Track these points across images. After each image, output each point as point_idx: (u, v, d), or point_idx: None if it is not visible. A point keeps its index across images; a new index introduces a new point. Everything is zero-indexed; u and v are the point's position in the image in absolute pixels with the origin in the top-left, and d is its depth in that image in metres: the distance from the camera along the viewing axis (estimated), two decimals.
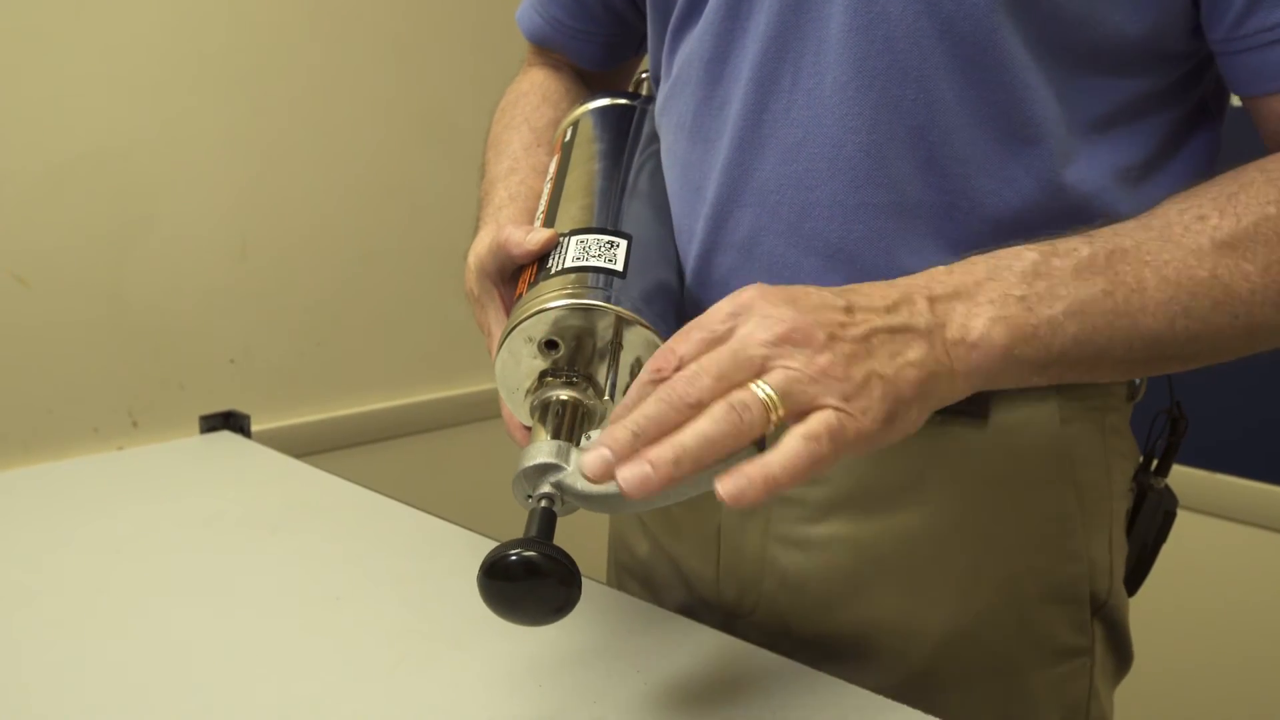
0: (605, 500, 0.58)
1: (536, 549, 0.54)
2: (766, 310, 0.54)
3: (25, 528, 0.97)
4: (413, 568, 0.89)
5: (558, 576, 0.54)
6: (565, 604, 0.55)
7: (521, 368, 0.66)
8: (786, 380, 0.52)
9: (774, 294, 0.55)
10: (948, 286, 0.58)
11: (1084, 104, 0.66)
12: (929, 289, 0.58)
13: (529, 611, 0.55)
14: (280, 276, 1.68)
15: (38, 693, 0.69)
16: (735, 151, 0.71)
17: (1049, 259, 0.59)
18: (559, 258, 0.68)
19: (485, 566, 0.54)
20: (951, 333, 0.57)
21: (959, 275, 0.59)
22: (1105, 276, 0.59)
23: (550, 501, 0.58)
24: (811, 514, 0.76)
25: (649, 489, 0.50)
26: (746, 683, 0.70)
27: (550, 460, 0.59)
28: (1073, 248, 0.60)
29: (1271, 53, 0.62)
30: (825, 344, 0.53)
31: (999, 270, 0.59)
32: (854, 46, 0.65)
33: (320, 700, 0.68)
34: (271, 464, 1.17)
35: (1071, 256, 0.59)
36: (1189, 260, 0.59)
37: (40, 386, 1.46)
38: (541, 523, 0.57)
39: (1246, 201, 0.60)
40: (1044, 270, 0.58)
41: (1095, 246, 0.60)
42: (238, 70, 1.59)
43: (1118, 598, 0.77)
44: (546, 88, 0.91)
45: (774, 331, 0.53)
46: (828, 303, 0.55)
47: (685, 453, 0.51)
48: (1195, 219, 0.61)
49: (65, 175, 1.45)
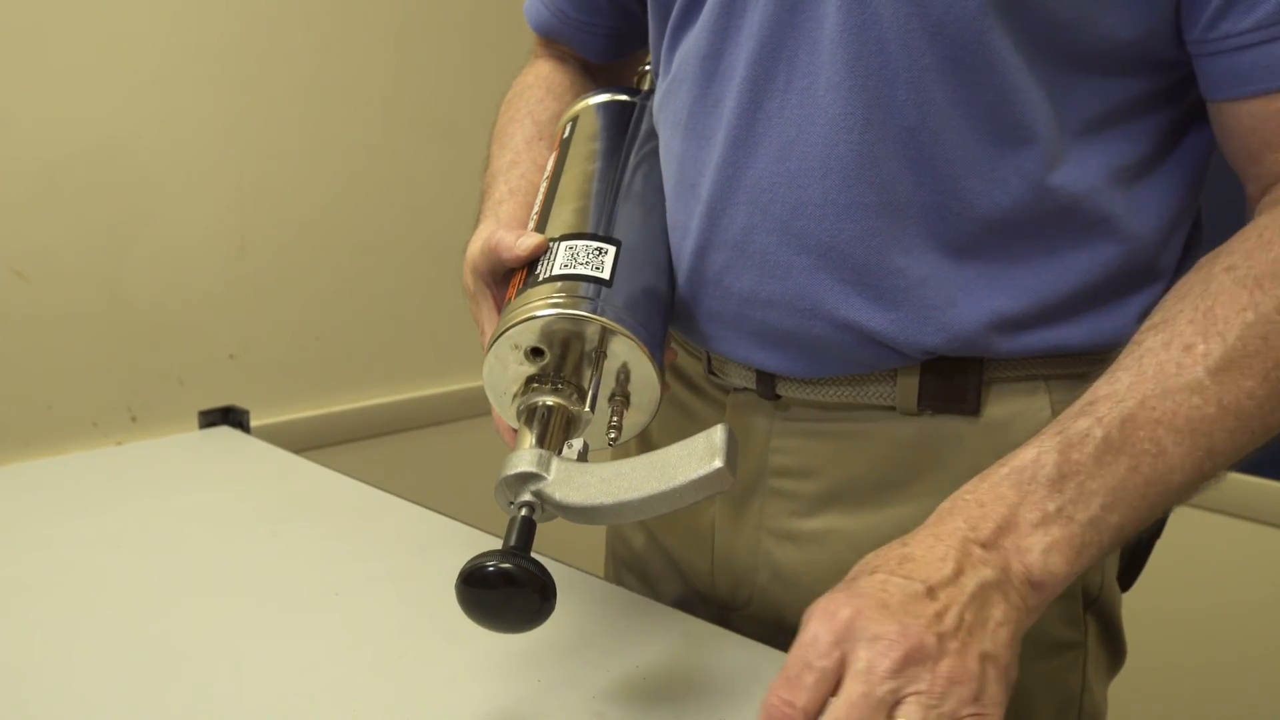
0: (583, 512, 0.59)
1: (513, 560, 0.55)
2: (873, 631, 0.51)
3: (24, 522, 0.97)
4: (411, 562, 0.89)
5: (533, 587, 0.55)
6: (540, 613, 0.56)
7: (508, 373, 0.67)
8: (924, 710, 0.50)
9: (869, 607, 0.52)
10: (990, 524, 0.56)
11: (1075, 106, 0.66)
12: (975, 534, 0.56)
13: (505, 619, 0.57)
14: (279, 272, 1.68)
15: (36, 687, 0.69)
16: (729, 149, 0.71)
17: (1068, 455, 0.58)
18: (548, 264, 0.68)
19: (463, 575, 0.56)
20: (1016, 577, 0.56)
21: (991, 507, 0.57)
22: (1126, 454, 0.58)
23: (530, 510, 0.59)
24: (804, 508, 0.76)
25: None
26: (740, 675, 0.71)
27: (531, 469, 0.59)
28: (1085, 433, 0.58)
29: (1240, 58, 0.62)
30: (938, 650, 0.51)
31: (1025, 487, 0.57)
32: (847, 47, 0.65)
33: (319, 695, 0.68)
34: (270, 459, 1.17)
35: (1088, 444, 0.58)
36: (1193, 400, 0.58)
37: (39, 381, 1.46)
38: (521, 532, 0.58)
39: (1224, 315, 0.60)
40: (1068, 471, 0.57)
41: (1106, 425, 0.58)
42: (237, 66, 1.59)
43: (1110, 593, 0.77)
44: (551, 80, 0.91)
45: (894, 658, 0.50)
46: (912, 593, 0.53)
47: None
48: (1182, 351, 0.59)
49: (64, 170, 1.45)
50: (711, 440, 0.57)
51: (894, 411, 0.73)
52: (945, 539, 0.56)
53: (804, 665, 0.52)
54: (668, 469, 0.58)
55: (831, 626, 0.52)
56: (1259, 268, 0.60)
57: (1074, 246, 0.68)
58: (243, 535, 0.94)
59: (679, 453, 0.58)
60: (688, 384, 0.84)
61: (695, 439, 0.58)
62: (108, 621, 0.78)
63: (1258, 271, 0.60)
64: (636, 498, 0.58)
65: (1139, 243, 0.69)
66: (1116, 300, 0.70)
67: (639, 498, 0.58)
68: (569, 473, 0.60)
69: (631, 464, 0.59)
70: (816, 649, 0.52)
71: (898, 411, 0.73)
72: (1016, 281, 0.69)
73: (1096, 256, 0.68)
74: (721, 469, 0.56)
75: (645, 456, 0.59)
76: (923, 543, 0.56)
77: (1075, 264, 0.68)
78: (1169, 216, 0.70)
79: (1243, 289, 0.60)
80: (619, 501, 0.58)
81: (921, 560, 0.55)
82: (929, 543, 0.56)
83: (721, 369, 0.80)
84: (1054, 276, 0.69)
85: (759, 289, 0.71)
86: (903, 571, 0.54)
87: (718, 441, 0.57)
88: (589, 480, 0.59)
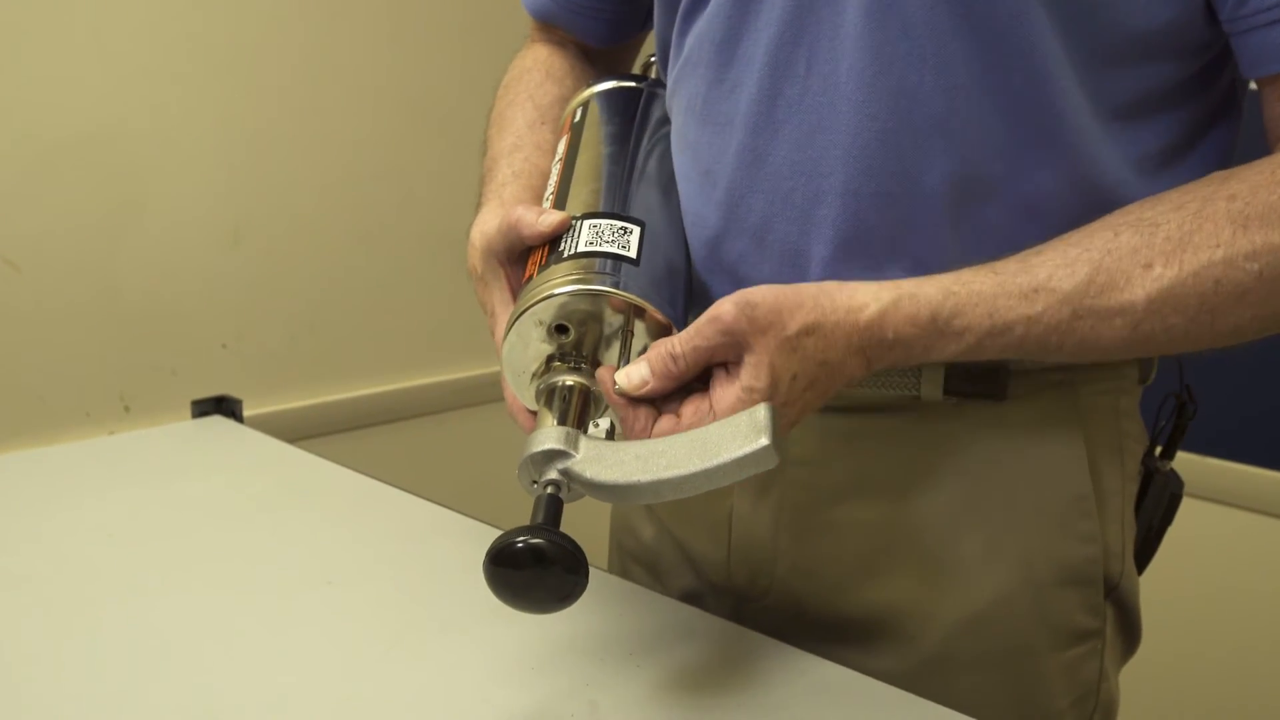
0: (617, 490, 0.57)
1: (544, 536, 0.53)
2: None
3: (17, 512, 0.96)
4: (405, 552, 0.88)
5: (565, 564, 0.54)
6: (572, 592, 0.55)
7: (529, 351, 0.65)
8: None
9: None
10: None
11: (1106, 93, 0.65)
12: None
13: (535, 599, 0.55)
14: (272, 261, 1.67)
15: (29, 677, 0.69)
16: (748, 136, 0.70)
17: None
18: (572, 241, 0.67)
19: (492, 554, 0.54)
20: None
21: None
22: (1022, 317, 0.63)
23: (557, 488, 0.58)
24: (825, 497, 0.75)
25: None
26: (744, 670, 0.70)
27: (558, 447, 0.58)
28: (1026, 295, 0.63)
29: (1271, 33, 0.61)
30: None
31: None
32: (870, 32, 0.64)
33: (313, 685, 0.68)
34: (263, 449, 1.17)
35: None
36: (1115, 322, 0.62)
37: (32, 371, 1.45)
38: (548, 510, 0.56)
39: (1197, 245, 0.61)
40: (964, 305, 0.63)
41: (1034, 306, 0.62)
42: (230, 55, 1.58)
43: (1129, 579, 0.76)
44: (550, 64, 0.90)
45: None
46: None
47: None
48: (1142, 268, 0.61)
49: (57, 160, 1.44)
50: (755, 417, 0.56)
51: (917, 400, 0.72)
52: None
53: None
54: (709, 446, 0.56)
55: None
56: (1255, 207, 0.60)
57: None
58: (236, 525, 0.94)
59: (721, 430, 0.57)
60: None
61: (737, 417, 0.57)
62: (101, 611, 0.77)
63: (1251, 210, 0.60)
64: (676, 475, 0.56)
65: None
66: None
67: (678, 475, 0.56)
68: (599, 450, 0.58)
69: (669, 442, 0.58)
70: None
71: (921, 400, 0.72)
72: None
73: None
74: (768, 446, 0.55)
75: (684, 434, 0.58)
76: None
77: None
78: None
79: (1229, 224, 0.60)
80: (657, 479, 0.56)
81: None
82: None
83: None
84: None
85: (778, 278, 0.70)
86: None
87: (761, 419, 0.56)
88: (623, 458, 0.58)
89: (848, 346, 0.61)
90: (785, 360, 0.59)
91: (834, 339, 0.61)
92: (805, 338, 0.60)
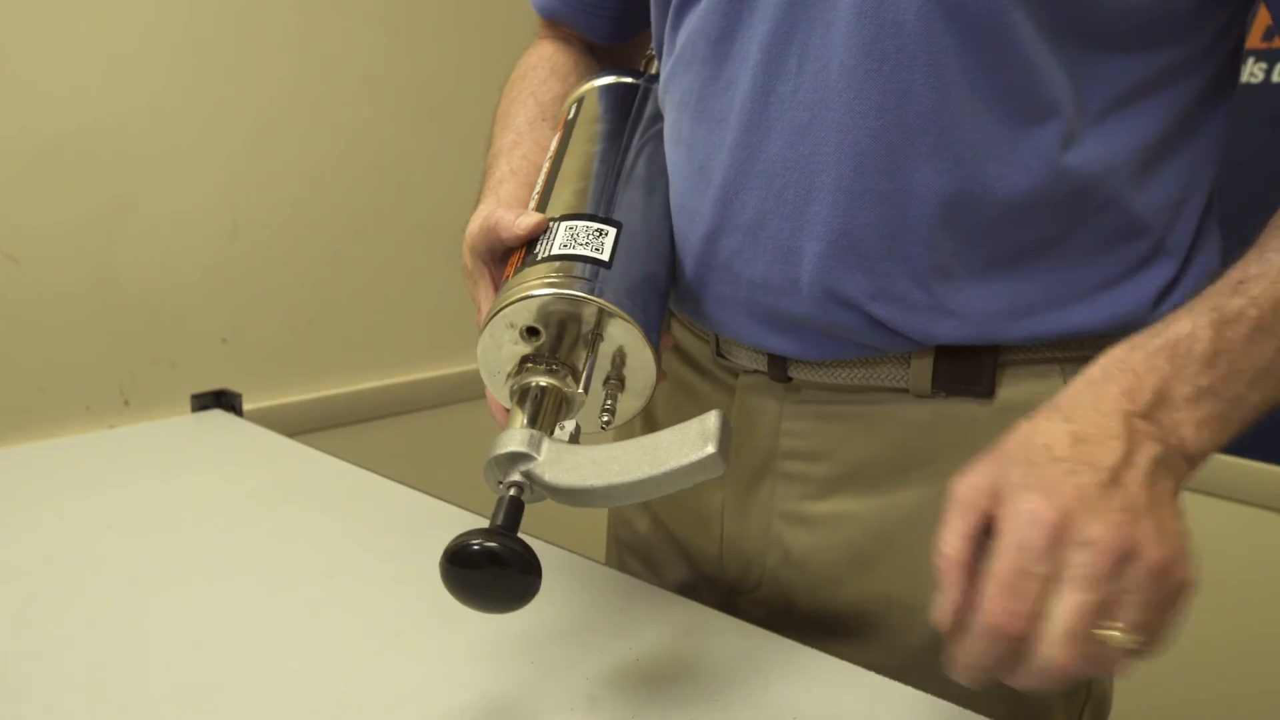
0: (572, 494, 0.59)
1: (498, 539, 0.55)
2: (1084, 535, 0.52)
3: (17, 505, 0.96)
4: (404, 545, 0.89)
5: (518, 566, 0.55)
6: (525, 593, 0.56)
7: (503, 352, 0.66)
8: (1143, 611, 0.52)
9: (1071, 505, 0.53)
10: (1147, 395, 0.57)
11: (1094, 83, 0.65)
12: (1134, 406, 0.57)
13: (490, 599, 0.56)
14: (271, 255, 1.67)
15: (29, 669, 0.69)
16: (742, 133, 0.70)
17: (1222, 332, 0.58)
18: (547, 244, 0.68)
19: (448, 554, 0.55)
20: (1174, 451, 0.57)
21: (1145, 377, 0.58)
22: (1275, 336, 0.59)
23: (519, 490, 0.59)
24: (815, 490, 0.76)
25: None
26: (739, 661, 0.70)
27: (521, 449, 0.59)
28: (1239, 312, 0.59)
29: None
30: (1140, 545, 0.52)
31: (1179, 360, 0.58)
32: (862, 30, 0.64)
33: (313, 676, 0.68)
34: (263, 442, 1.17)
35: (1242, 324, 0.59)
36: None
37: (32, 365, 1.45)
38: (508, 512, 0.57)
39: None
40: (1221, 348, 0.58)
41: (1260, 305, 0.59)
42: (228, 47, 1.58)
43: None
44: (555, 61, 0.90)
45: (1110, 560, 0.52)
46: (1099, 483, 0.54)
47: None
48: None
49: (55, 153, 1.44)
50: (705, 425, 0.57)
51: (907, 394, 0.72)
52: (1108, 413, 0.56)
53: (1022, 574, 0.52)
54: (659, 453, 0.57)
55: (1042, 531, 0.52)
56: None
57: (1088, 229, 0.68)
58: (235, 518, 0.94)
59: (671, 437, 0.58)
60: (694, 367, 0.84)
61: (689, 424, 0.58)
62: (100, 604, 0.78)
63: None
64: (626, 481, 0.57)
65: (1153, 223, 0.68)
66: (1130, 282, 0.70)
67: (628, 481, 0.57)
68: (560, 454, 0.59)
69: (623, 447, 0.59)
70: (1031, 554, 0.52)
71: (911, 394, 0.72)
72: (1031, 266, 0.68)
73: (1111, 238, 0.68)
74: (714, 454, 0.56)
75: (637, 440, 0.59)
76: (1085, 416, 0.56)
77: (1090, 246, 0.68)
78: (1182, 196, 0.70)
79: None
80: (609, 484, 0.58)
81: (1094, 441, 0.55)
82: (1092, 417, 0.56)
83: (730, 351, 0.79)
84: (1069, 260, 0.68)
85: (771, 274, 0.71)
86: (1083, 457, 0.55)
87: (711, 427, 0.57)
88: (580, 462, 0.59)
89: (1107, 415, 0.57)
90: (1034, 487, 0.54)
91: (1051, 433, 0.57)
92: (1040, 450, 0.56)
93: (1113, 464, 0.54)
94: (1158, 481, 0.55)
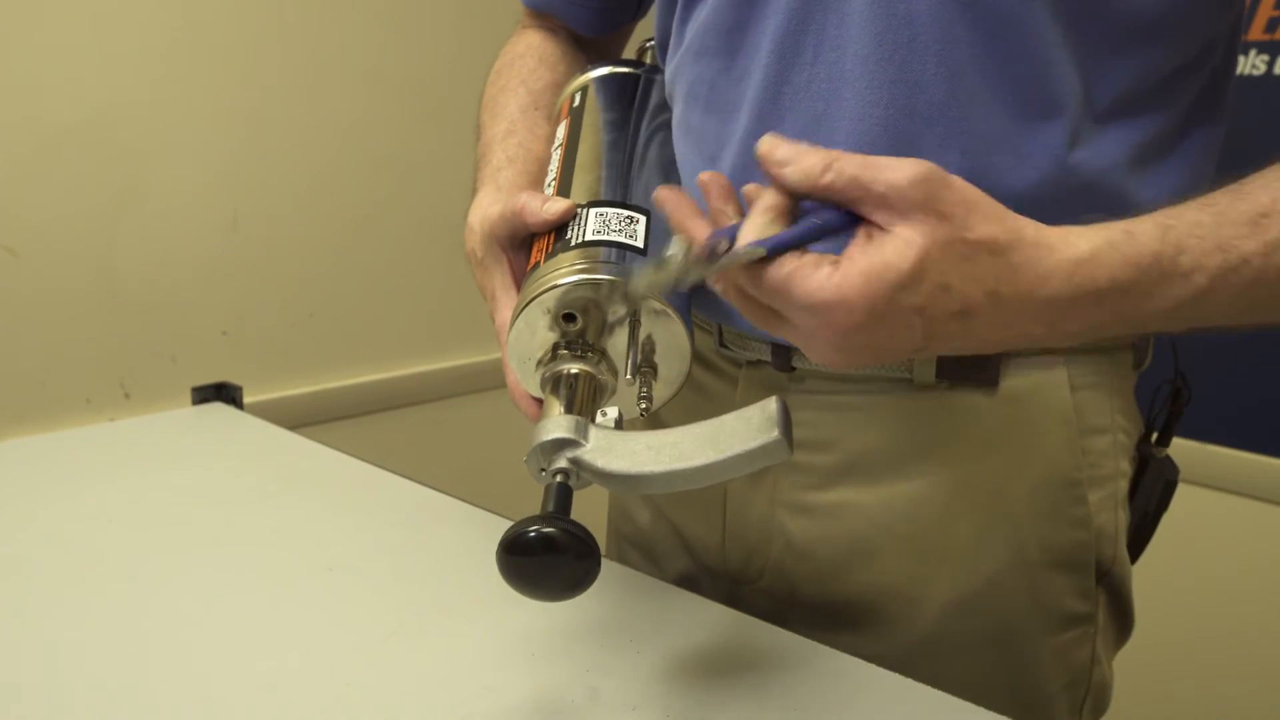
0: (628, 480, 0.58)
1: (556, 525, 0.54)
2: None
3: (18, 498, 0.96)
4: (405, 538, 0.88)
5: (576, 551, 0.54)
6: (584, 579, 0.55)
7: (536, 339, 0.65)
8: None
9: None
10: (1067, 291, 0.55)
11: (1104, 79, 0.65)
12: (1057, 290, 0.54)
13: (548, 587, 0.55)
14: (272, 248, 1.67)
15: (29, 662, 0.69)
16: (754, 123, 0.70)
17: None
18: (579, 230, 0.67)
19: (504, 543, 0.54)
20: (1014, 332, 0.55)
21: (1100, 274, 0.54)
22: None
23: (565, 477, 0.58)
24: (819, 480, 0.76)
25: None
26: (742, 654, 0.70)
27: (568, 435, 0.58)
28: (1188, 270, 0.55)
29: None
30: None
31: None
32: (876, 20, 0.64)
33: (313, 670, 0.68)
34: (263, 435, 1.17)
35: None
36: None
37: (32, 358, 1.45)
38: (559, 498, 0.57)
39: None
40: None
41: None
42: (227, 39, 1.58)
43: (1121, 565, 0.77)
44: (543, 50, 0.90)
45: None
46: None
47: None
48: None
49: (55, 146, 1.44)
50: (767, 410, 0.57)
51: (911, 383, 0.72)
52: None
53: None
54: (722, 439, 0.57)
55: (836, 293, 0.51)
56: None
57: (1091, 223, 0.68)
58: (236, 511, 0.94)
59: (734, 423, 0.57)
60: (697, 358, 0.84)
61: (750, 409, 0.57)
62: (101, 598, 0.78)
63: None
64: (689, 467, 0.57)
65: None
66: None
67: (691, 467, 0.57)
68: (609, 440, 0.59)
69: (681, 433, 0.58)
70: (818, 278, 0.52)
71: (915, 384, 0.72)
72: None
73: None
74: (779, 439, 0.55)
75: (696, 426, 0.58)
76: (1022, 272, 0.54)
77: None
78: (1185, 190, 0.69)
79: None
80: (670, 470, 0.57)
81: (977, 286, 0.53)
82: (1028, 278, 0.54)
83: (734, 342, 0.79)
84: None
85: None
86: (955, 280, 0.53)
87: (773, 412, 0.56)
88: (635, 448, 0.58)
89: (1037, 294, 0.53)
90: (947, 261, 0.51)
91: (1022, 273, 0.53)
92: (985, 253, 0.52)
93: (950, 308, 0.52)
94: (942, 323, 0.53)
